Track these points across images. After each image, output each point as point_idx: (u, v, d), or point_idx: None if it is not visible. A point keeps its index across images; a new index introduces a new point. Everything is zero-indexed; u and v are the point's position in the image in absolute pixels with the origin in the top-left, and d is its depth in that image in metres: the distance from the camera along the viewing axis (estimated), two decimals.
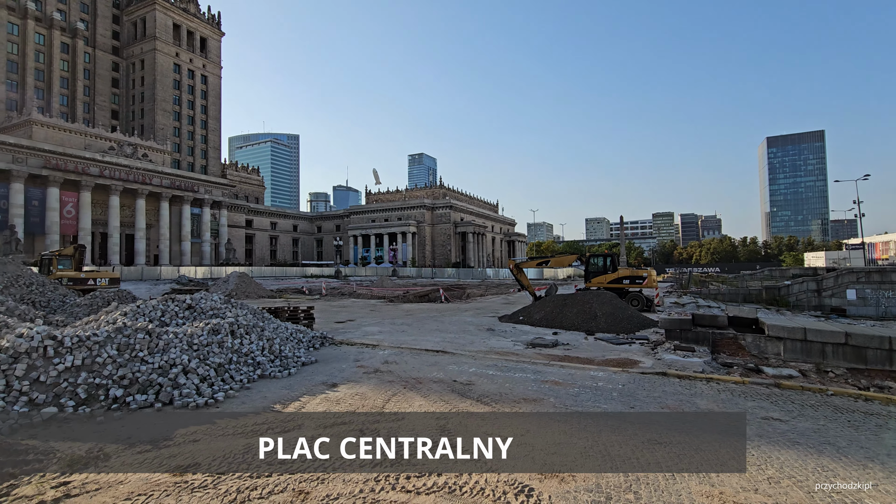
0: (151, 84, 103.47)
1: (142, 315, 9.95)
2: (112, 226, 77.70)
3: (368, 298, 33.43)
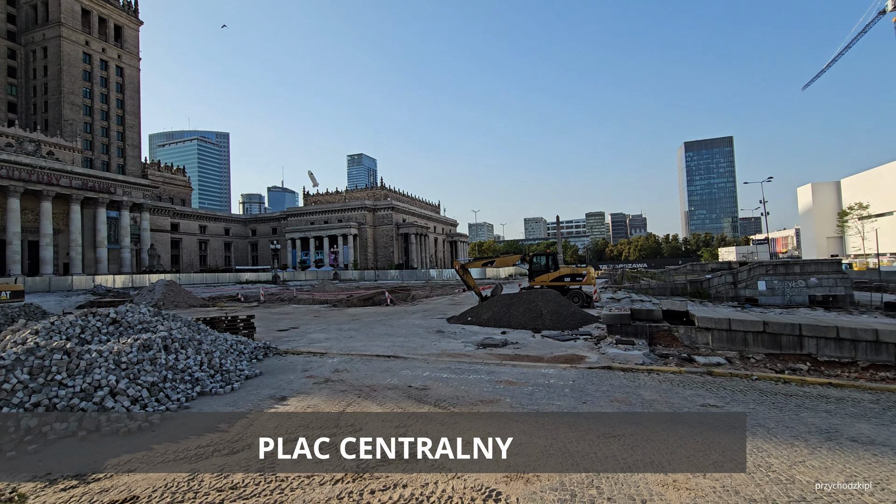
0: (56, 74, 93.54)
1: (57, 332, 8.91)
2: (11, 231, 69.47)
3: (311, 304, 32.31)
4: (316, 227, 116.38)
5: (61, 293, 50.55)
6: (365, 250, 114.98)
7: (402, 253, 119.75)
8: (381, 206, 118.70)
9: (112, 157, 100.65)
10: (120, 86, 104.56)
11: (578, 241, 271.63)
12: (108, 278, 64.61)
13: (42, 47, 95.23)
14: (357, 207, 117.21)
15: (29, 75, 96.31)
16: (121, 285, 62.16)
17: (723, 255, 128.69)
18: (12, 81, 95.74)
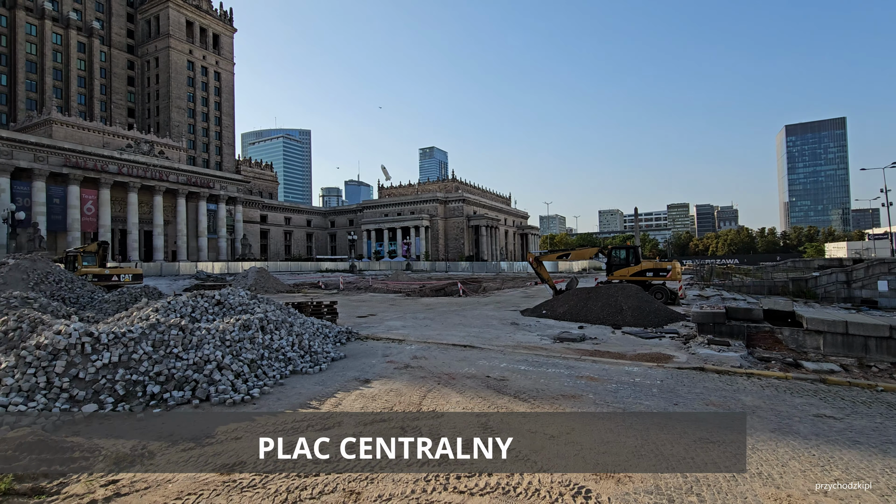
0: (166, 81, 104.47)
1: (173, 311, 9.98)
2: (131, 222, 78.90)
3: (385, 293, 33.45)
4: (389, 218, 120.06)
5: (170, 277, 56.67)
6: (436, 242, 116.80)
7: (472, 245, 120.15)
8: (452, 199, 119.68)
9: (211, 155, 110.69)
10: (217, 89, 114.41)
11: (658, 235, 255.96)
12: (208, 265, 71.40)
13: (154, 58, 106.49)
14: (428, 200, 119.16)
15: (144, 83, 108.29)
16: (218, 271, 68.43)
17: (830, 252, 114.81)
18: (131, 90, 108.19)
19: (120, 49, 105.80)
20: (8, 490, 4.62)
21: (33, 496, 4.61)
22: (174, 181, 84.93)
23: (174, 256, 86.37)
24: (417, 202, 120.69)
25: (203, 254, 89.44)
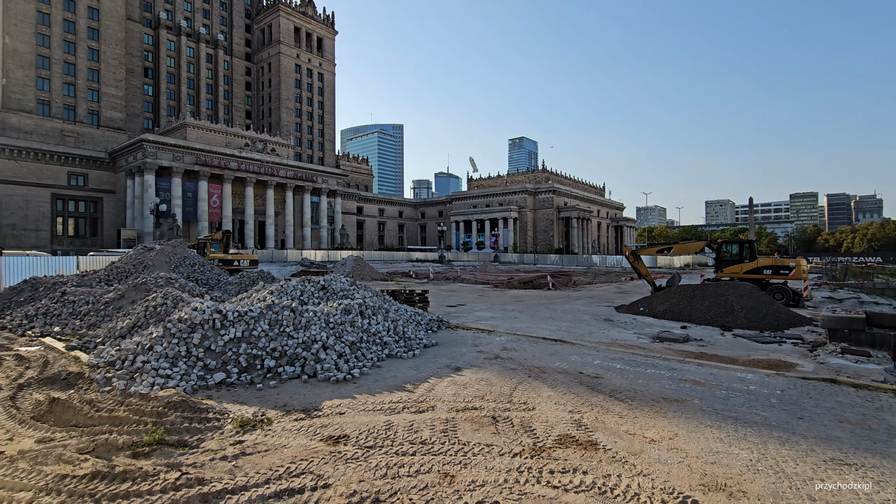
0: (277, 85, 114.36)
1: (285, 294, 10.99)
2: (247, 213, 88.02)
3: (474, 283, 33.76)
4: (478, 210, 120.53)
5: (280, 263, 62.35)
6: (524, 234, 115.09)
7: (562, 237, 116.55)
8: (542, 190, 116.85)
9: (314, 151, 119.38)
10: (320, 90, 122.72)
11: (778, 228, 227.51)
12: (311, 253, 77.41)
13: (267, 63, 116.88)
14: (517, 191, 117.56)
15: (258, 87, 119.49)
16: (320, 259, 73.93)
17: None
18: (248, 94, 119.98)
19: (239, 57, 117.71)
20: (160, 440, 5.45)
21: (179, 447, 5.39)
22: (283, 176, 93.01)
23: (283, 244, 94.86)
24: (506, 193, 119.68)
25: (307, 242, 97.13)
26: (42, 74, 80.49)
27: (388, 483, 4.47)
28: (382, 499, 4.19)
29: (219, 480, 4.51)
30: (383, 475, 4.65)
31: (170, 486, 4.36)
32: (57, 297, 13.53)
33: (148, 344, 8.30)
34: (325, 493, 4.30)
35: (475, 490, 4.37)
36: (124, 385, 7.27)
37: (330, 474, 4.65)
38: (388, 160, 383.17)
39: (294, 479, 4.53)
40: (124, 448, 5.25)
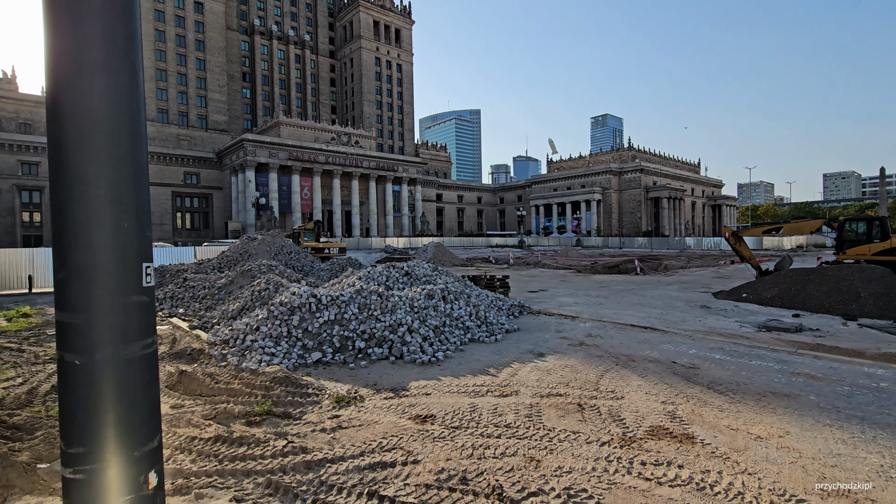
0: (359, 79, 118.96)
1: (372, 280, 11.55)
2: (335, 204, 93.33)
3: (555, 268, 32.96)
4: (558, 193, 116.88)
5: (365, 250, 65.50)
6: (609, 216, 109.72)
7: (650, 219, 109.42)
8: (628, 169, 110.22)
9: (395, 141, 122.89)
10: (399, 80, 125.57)
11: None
12: (394, 240, 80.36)
13: (349, 59, 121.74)
14: (601, 172, 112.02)
15: (342, 83, 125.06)
16: (402, 246, 76.49)
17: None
18: (333, 90, 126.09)
19: (324, 55, 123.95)
20: (269, 411, 6.04)
21: (284, 418, 5.94)
22: (366, 167, 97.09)
23: (367, 233, 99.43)
24: (588, 175, 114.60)
25: (390, 230, 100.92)
26: (160, 86, 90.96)
27: (475, 463, 4.58)
28: (469, 477, 4.31)
29: (319, 450, 4.92)
30: (469, 455, 4.77)
31: (278, 452, 4.83)
32: (180, 283, 15.43)
33: (255, 325, 9.19)
34: (415, 468, 4.51)
35: (562, 476, 4.34)
36: (237, 361, 8.14)
37: (419, 451, 4.86)
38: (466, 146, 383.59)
39: (386, 454, 4.80)
40: (239, 416, 5.90)
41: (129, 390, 0.88)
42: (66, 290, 0.83)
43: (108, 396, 0.82)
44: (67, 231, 0.83)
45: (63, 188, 0.84)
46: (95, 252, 0.81)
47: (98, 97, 0.85)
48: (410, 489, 4.14)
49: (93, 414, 0.81)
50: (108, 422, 0.81)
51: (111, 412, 0.82)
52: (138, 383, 0.90)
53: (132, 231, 0.86)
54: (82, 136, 0.84)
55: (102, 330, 0.82)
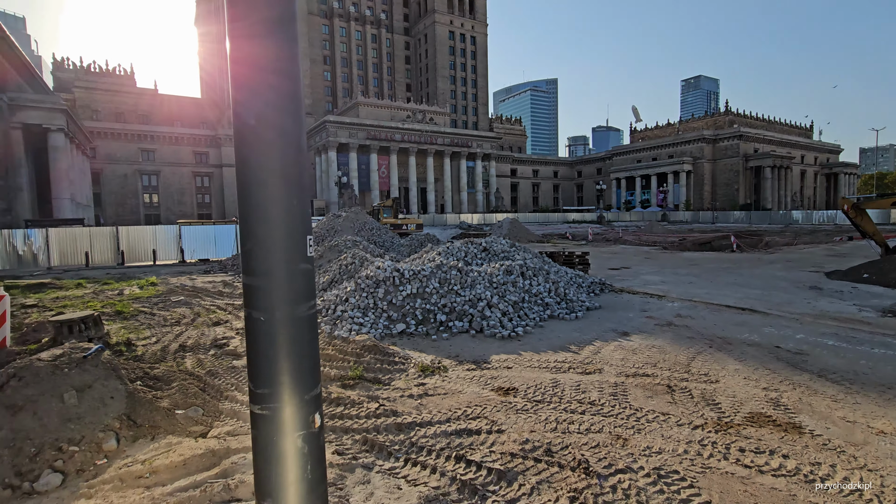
0: (433, 55, 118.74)
1: (451, 255, 11.78)
2: (411, 181, 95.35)
3: (638, 245, 31.31)
4: (642, 164, 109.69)
5: (440, 227, 66.54)
6: (700, 188, 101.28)
7: (749, 190, 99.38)
8: (724, 136, 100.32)
9: (468, 117, 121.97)
10: (473, 53, 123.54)
11: None
12: (468, 216, 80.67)
13: (423, 35, 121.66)
14: (692, 140, 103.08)
15: (416, 60, 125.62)
16: (476, 222, 76.64)
17: None
18: (408, 67, 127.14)
19: (399, 33, 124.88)
20: (360, 376, 6.49)
21: (374, 383, 6.36)
22: (440, 143, 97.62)
23: (442, 209, 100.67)
24: (677, 144, 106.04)
25: (464, 206, 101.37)
26: None
27: (559, 437, 4.63)
28: (554, 450, 4.37)
29: (408, 414, 5.23)
30: (553, 429, 4.81)
31: (371, 413, 5.22)
32: None
33: (344, 296, 9.81)
34: (500, 437, 4.65)
35: (651, 456, 4.25)
36: (329, 329, 8.78)
37: (502, 421, 5.00)
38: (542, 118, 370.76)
39: (471, 422, 5.00)
40: (335, 380, 6.41)
41: (299, 344, 1.03)
42: (252, 257, 0.98)
43: (285, 348, 0.97)
44: (252, 208, 0.98)
45: (247, 172, 0.99)
46: (273, 226, 0.95)
47: (269, 96, 0.99)
48: (496, 456, 4.29)
49: (273, 362, 0.97)
50: (285, 369, 0.96)
51: (287, 361, 0.96)
52: (305, 338, 1.04)
53: (299, 208, 1.00)
54: (259, 129, 0.98)
55: (280, 292, 0.96)
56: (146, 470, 4.14)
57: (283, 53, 1.01)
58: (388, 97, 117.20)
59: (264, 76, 0.98)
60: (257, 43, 0.97)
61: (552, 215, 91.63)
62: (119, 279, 17.52)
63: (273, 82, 0.99)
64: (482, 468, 4.09)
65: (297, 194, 1.03)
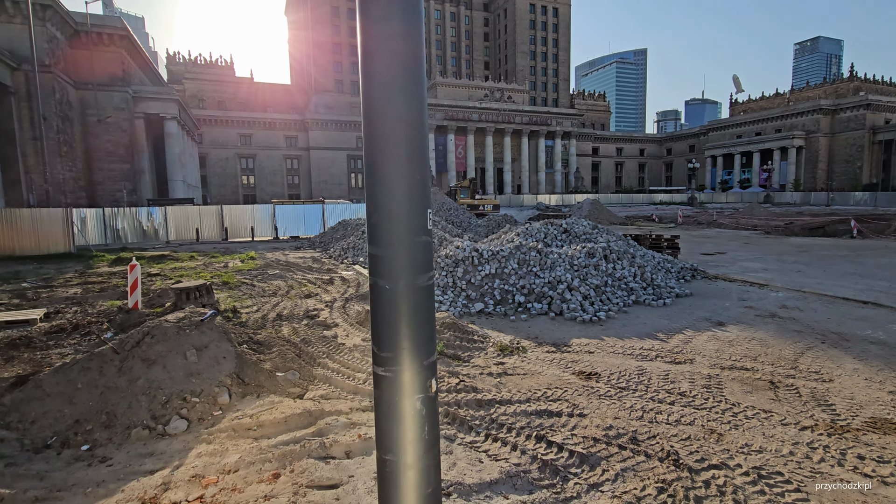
0: (512, 30, 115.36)
1: (530, 236, 11.61)
2: (487, 161, 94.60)
3: (735, 229, 28.68)
4: (743, 140, 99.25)
5: (517, 207, 65.66)
6: (813, 166, 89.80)
7: (876, 169, 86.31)
8: (847, 105, 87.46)
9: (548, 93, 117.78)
10: (554, 26, 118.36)
11: None
12: (545, 197, 78.67)
13: (503, 10, 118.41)
14: (805, 111, 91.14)
15: (495, 36, 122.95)
16: (554, 203, 74.52)
17: None
18: (486, 45, 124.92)
19: (478, 9, 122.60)
20: (441, 352, 6.68)
21: (454, 359, 6.51)
22: (518, 122, 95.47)
23: (518, 189, 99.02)
24: (786, 116, 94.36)
25: (541, 187, 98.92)
26: (335, 59, 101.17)
27: (646, 426, 4.45)
28: (640, 439, 4.22)
29: (488, 391, 5.31)
30: (639, 417, 4.64)
31: (452, 388, 5.36)
32: (359, 235, 17.62)
33: None
34: (582, 420, 4.58)
35: (750, 454, 3.96)
36: None
37: (584, 405, 4.91)
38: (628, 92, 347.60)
39: (552, 403, 4.96)
40: None
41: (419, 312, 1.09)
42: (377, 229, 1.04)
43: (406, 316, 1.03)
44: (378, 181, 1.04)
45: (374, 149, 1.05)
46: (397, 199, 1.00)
47: (396, 76, 1.03)
48: (578, 440, 4.24)
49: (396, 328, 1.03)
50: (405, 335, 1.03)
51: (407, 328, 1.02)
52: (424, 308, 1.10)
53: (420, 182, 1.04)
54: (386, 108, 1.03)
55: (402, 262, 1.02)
56: (254, 423, 4.62)
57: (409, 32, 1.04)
58: (466, 76, 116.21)
59: (392, 56, 1.02)
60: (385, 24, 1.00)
61: (637, 196, 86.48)
62: (223, 253, 19.42)
63: (400, 62, 1.02)
64: (563, 450, 4.07)
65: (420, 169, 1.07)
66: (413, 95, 1.06)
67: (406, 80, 1.03)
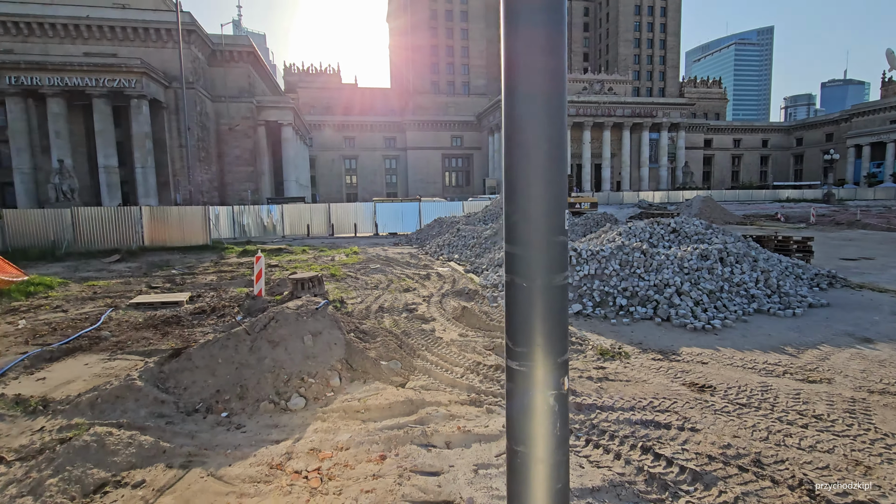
0: (615, 18, 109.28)
1: (633, 236, 10.96)
2: (584, 157, 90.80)
3: (886, 230, 24.42)
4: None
5: (616, 205, 62.26)
6: None
7: None
8: None
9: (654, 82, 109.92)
10: (663, 10, 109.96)
11: None
12: (648, 194, 73.50)
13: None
14: None
15: (595, 26, 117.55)
16: (658, 200, 69.35)
17: None
18: (585, 35, 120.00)
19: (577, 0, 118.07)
20: None
21: None
22: (620, 115, 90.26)
23: (618, 186, 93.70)
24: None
25: (644, 183, 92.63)
26: (433, 60, 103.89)
27: (772, 448, 4.01)
28: (765, 462, 3.81)
29: (588, 396, 5.14)
30: (763, 438, 4.19)
31: None
32: (454, 233, 17.97)
33: None
34: (695, 436, 4.25)
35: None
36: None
37: (697, 420, 4.55)
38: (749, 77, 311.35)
39: (659, 414, 4.67)
40: None
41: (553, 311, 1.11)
42: (515, 228, 1.08)
43: (541, 313, 1.06)
44: (517, 182, 1.08)
45: (514, 150, 1.08)
46: (535, 200, 1.03)
47: (539, 81, 1.05)
48: (690, 455, 3.94)
49: (531, 325, 1.06)
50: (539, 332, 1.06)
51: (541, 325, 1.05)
52: (558, 307, 1.12)
53: (559, 184, 1.06)
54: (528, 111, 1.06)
55: (539, 261, 1.05)
56: (362, 406, 4.96)
57: (552, 34, 1.06)
58: None
59: (534, 72, 1.04)
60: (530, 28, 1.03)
61: (757, 193, 77.27)
62: (330, 247, 20.99)
63: (543, 78, 1.05)
64: (673, 464, 3.81)
65: (558, 169, 1.09)
66: (555, 110, 1.08)
67: (549, 96, 1.05)
